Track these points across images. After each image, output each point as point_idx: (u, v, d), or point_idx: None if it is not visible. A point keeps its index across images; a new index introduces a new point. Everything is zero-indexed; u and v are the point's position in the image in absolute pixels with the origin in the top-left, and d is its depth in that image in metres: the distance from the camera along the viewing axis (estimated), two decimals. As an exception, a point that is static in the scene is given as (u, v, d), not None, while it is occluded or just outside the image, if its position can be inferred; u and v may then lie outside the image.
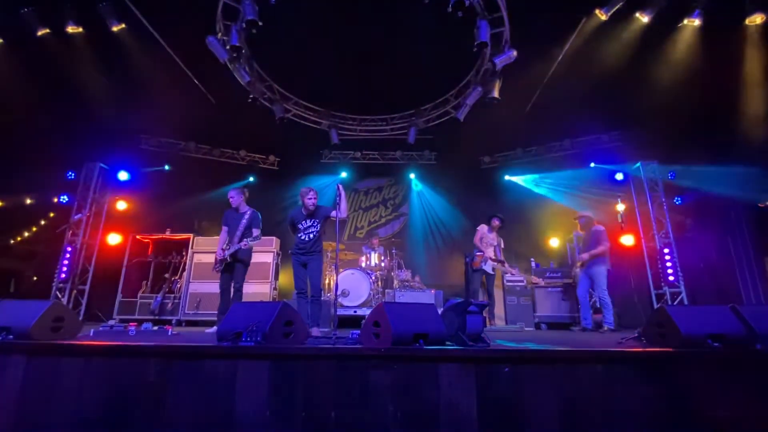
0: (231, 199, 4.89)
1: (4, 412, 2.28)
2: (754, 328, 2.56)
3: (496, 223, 6.24)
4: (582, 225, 5.92)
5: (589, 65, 6.16)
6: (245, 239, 4.62)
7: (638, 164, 7.51)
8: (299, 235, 4.54)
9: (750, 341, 2.52)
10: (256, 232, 4.72)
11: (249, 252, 4.92)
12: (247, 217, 4.84)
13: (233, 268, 4.79)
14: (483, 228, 6.26)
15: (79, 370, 2.33)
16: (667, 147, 7.09)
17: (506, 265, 6.23)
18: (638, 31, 5.71)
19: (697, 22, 5.51)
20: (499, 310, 6.88)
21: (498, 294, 6.91)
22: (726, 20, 5.46)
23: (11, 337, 2.59)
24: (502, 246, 6.32)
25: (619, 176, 7.75)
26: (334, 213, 4.43)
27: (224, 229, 4.93)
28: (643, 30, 5.68)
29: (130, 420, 2.22)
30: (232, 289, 4.85)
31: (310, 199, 4.47)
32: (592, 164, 8.05)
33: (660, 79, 6.09)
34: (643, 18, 5.58)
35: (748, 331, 2.56)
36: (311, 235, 4.51)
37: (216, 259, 4.83)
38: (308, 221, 4.54)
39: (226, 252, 4.71)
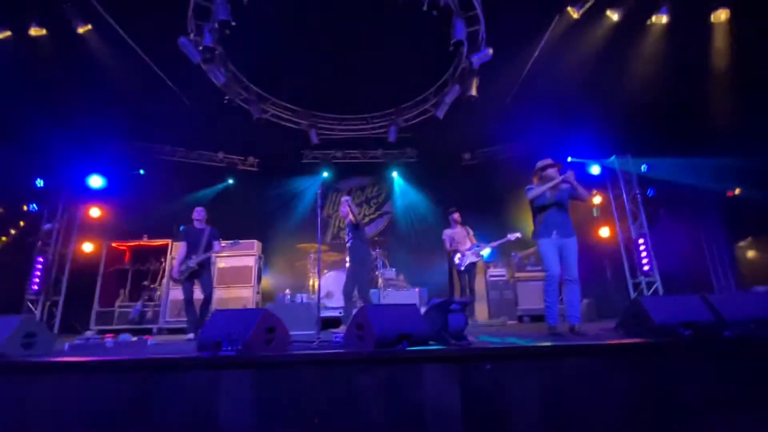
0: (196, 214, 5.18)
1: (-28, 435, 2.18)
2: (722, 316, 2.67)
3: (455, 216, 6.26)
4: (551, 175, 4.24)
5: (563, 62, 6.28)
6: (218, 243, 5.05)
7: (612, 158, 7.72)
8: None
9: (719, 328, 2.63)
10: (217, 245, 5.04)
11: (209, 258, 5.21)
12: (207, 232, 5.09)
13: (200, 275, 4.95)
14: (446, 232, 6.25)
15: (53, 389, 2.25)
16: (640, 140, 7.29)
17: (482, 245, 6.20)
18: (609, 28, 5.84)
19: (664, 19, 5.69)
20: (482, 304, 6.97)
21: (481, 289, 7.00)
22: (692, 16, 5.64)
23: (-22, 356, 2.49)
24: (471, 233, 6.33)
25: (595, 169, 7.94)
26: (349, 219, 5.02)
27: (183, 244, 5.03)
28: (614, 27, 5.82)
29: (109, 437, 2.16)
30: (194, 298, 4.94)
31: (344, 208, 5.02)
32: (569, 158, 8.21)
33: (632, 75, 6.24)
34: (614, 16, 5.72)
35: (717, 318, 2.67)
36: (347, 244, 5.14)
37: (173, 276, 5.04)
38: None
39: (191, 261, 4.88)
